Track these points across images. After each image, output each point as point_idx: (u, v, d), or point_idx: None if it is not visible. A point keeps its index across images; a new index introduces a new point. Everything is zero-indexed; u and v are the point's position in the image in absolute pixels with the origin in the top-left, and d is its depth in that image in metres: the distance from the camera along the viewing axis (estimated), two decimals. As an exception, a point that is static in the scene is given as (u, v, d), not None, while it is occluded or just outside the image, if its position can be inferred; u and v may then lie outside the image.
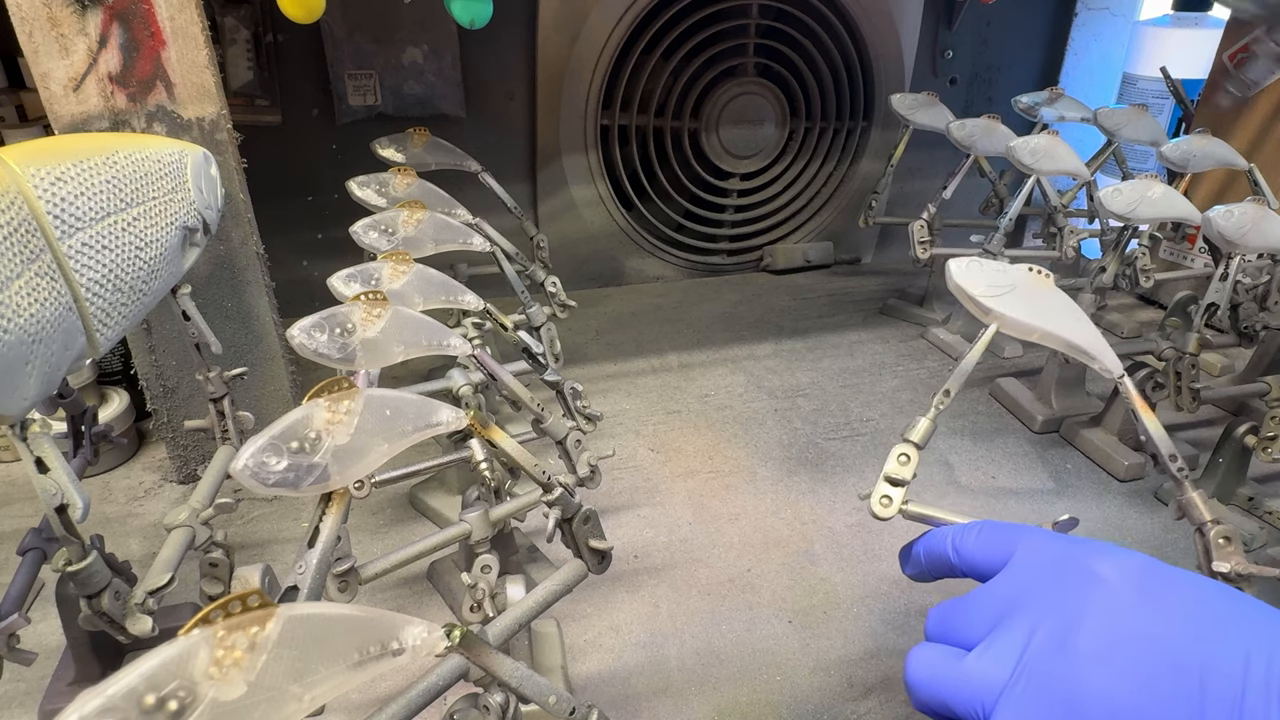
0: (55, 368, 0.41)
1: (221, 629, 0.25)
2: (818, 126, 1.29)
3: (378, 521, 0.75)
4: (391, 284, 0.55)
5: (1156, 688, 0.30)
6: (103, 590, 0.46)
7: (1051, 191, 1.05)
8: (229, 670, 0.24)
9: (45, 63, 0.61)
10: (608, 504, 0.76)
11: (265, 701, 0.25)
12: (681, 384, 0.98)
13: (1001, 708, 0.32)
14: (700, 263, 1.32)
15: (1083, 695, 0.31)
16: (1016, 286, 0.51)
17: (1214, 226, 0.71)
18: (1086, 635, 0.32)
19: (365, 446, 0.39)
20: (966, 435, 0.88)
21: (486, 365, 0.53)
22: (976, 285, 0.51)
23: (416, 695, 0.42)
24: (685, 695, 0.57)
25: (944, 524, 0.45)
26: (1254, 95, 1.05)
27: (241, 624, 0.25)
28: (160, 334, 0.72)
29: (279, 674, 0.25)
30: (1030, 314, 0.50)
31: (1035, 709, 0.32)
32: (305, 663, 0.26)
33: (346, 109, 1.07)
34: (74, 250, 0.42)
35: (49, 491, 0.42)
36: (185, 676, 0.24)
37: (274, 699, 0.25)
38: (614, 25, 1.10)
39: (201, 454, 0.79)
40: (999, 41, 1.39)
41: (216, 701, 0.24)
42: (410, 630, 0.28)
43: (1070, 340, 0.50)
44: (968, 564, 0.41)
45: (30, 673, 0.57)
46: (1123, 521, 0.75)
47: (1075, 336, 0.50)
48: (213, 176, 0.60)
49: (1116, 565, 0.34)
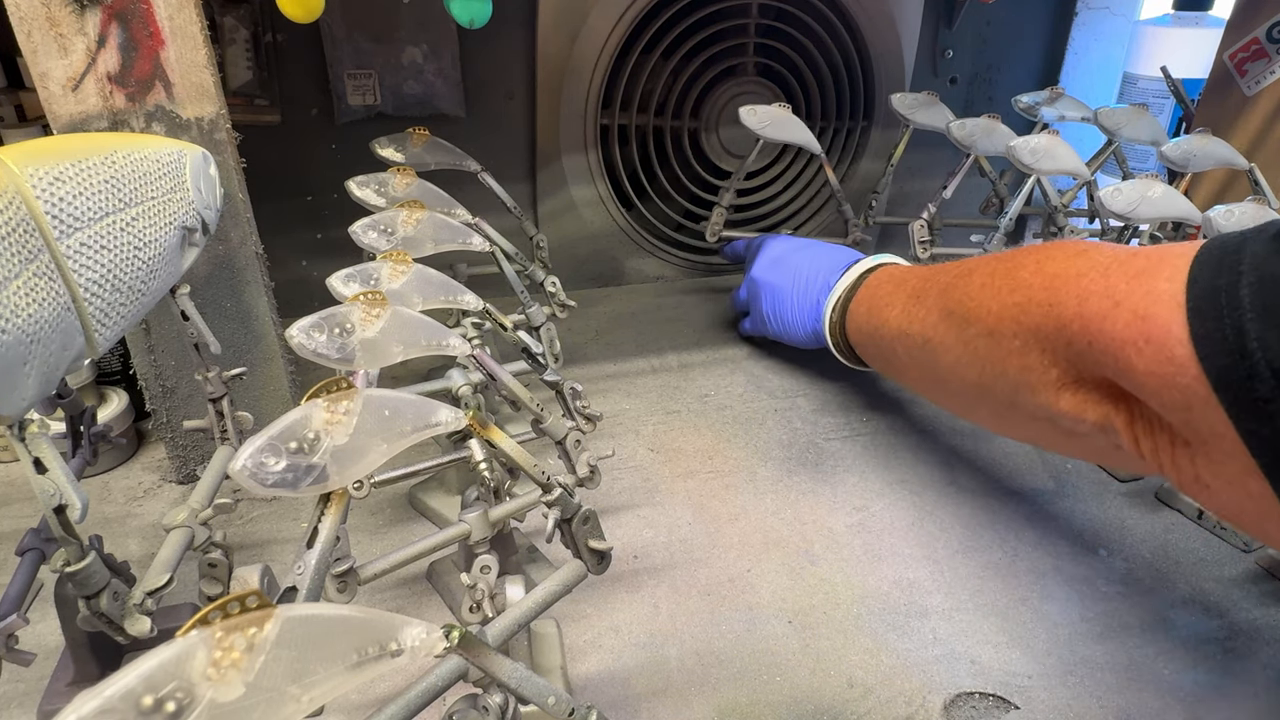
0: (54, 368, 0.41)
1: (219, 630, 0.25)
2: (817, 126, 1.29)
3: (377, 522, 0.75)
4: (391, 284, 0.55)
5: (779, 274, 0.91)
6: (101, 591, 0.46)
7: (1052, 191, 1.05)
8: (227, 671, 0.24)
9: (44, 62, 0.61)
10: (607, 504, 0.76)
11: (264, 702, 0.25)
12: (681, 384, 0.98)
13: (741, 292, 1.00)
14: (700, 263, 1.32)
15: (756, 280, 0.94)
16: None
17: (1214, 226, 0.71)
18: (763, 258, 0.94)
19: (364, 447, 0.39)
20: (967, 435, 0.88)
21: (486, 365, 0.53)
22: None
23: (415, 696, 0.42)
24: (685, 695, 0.57)
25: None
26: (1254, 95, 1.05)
27: (240, 625, 0.25)
28: (159, 334, 0.72)
29: (277, 675, 0.25)
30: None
31: (744, 290, 0.98)
32: (304, 664, 0.26)
33: (346, 109, 1.07)
34: (72, 250, 0.42)
35: (47, 492, 0.42)
36: (183, 677, 0.24)
37: (272, 700, 0.25)
38: (614, 25, 1.10)
39: (201, 454, 0.79)
40: (999, 41, 1.38)
41: (214, 703, 0.24)
42: (409, 631, 0.29)
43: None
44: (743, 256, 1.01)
45: (29, 673, 0.57)
46: (1123, 521, 0.75)
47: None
48: (212, 176, 0.60)
49: (785, 240, 0.96)
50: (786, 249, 0.92)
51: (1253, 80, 1.06)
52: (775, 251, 0.93)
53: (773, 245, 0.95)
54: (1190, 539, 0.72)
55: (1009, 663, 0.60)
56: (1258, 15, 1.05)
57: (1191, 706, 0.57)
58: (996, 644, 0.61)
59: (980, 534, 0.73)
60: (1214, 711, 0.56)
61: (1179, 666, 0.60)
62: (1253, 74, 1.06)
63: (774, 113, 1.01)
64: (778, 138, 1.02)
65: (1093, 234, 1.06)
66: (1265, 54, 1.04)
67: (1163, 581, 0.68)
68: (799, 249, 0.91)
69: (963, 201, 1.20)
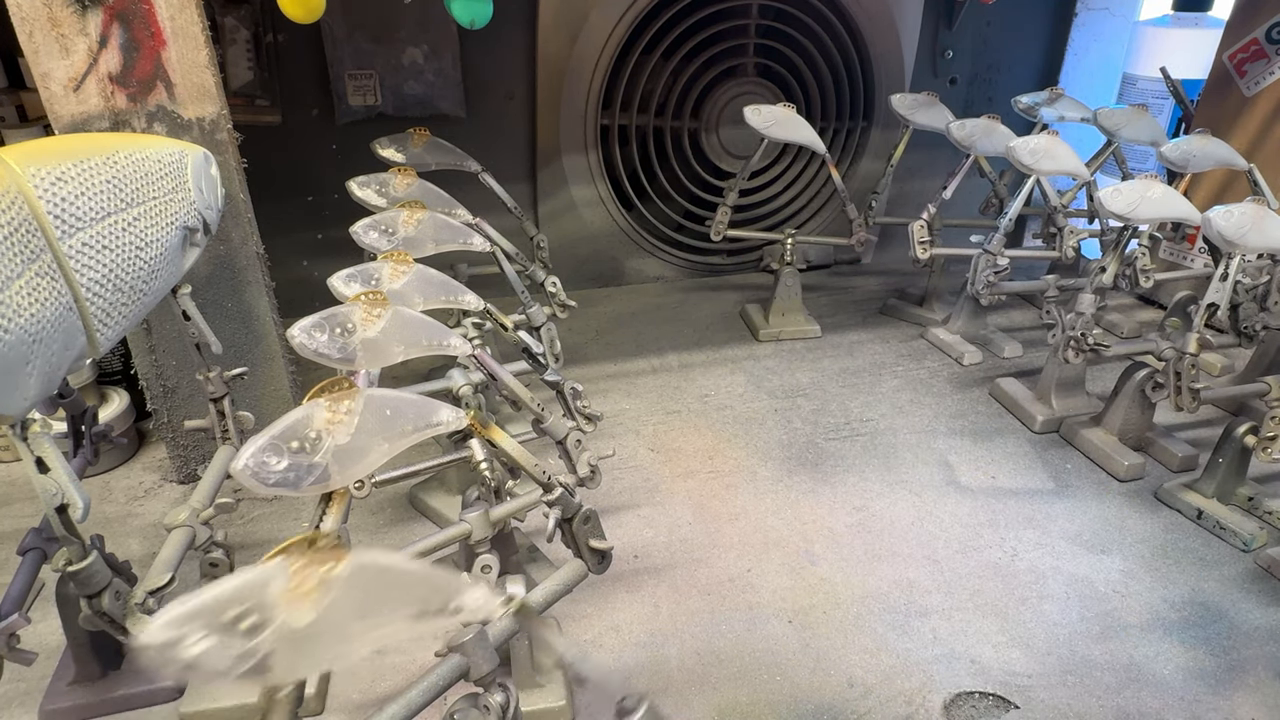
0: (55, 368, 0.41)
1: (298, 562, 0.28)
2: (818, 126, 1.29)
3: (378, 521, 0.75)
4: (391, 284, 0.55)
5: None
6: (103, 590, 0.47)
7: (1051, 191, 1.05)
8: (301, 600, 0.27)
9: (45, 63, 0.61)
10: (608, 504, 0.76)
11: (329, 633, 0.28)
12: (681, 384, 0.98)
13: None
14: (700, 263, 1.32)
15: None
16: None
17: (1214, 226, 0.71)
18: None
19: (365, 446, 0.39)
20: (966, 435, 0.88)
21: (486, 365, 0.53)
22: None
23: (416, 695, 0.42)
24: (685, 695, 0.57)
25: None
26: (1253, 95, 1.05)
27: (317, 560, 0.28)
28: (160, 334, 0.72)
29: (344, 611, 0.28)
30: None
31: None
32: (369, 606, 0.29)
33: (346, 109, 1.07)
34: (74, 250, 0.42)
35: (49, 491, 0.42)
36: (261, 599, 0.27)
37: (337, 632, 0.28)
38: (614, 25, 1.10)
39: (202, 454, 0.79)
40: (999, 41, 1.38)
41: (286, 626, 0.27)
42: (472, 594, 0.31)
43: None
44: None
45: (30, 672, 0.57)
46: (1123, 521, 0.75)
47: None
48: (213, 176, 0.60)
49: None
50: None
51: (1252, 81, 1.06)
52: None
53: None
54: (1190, 539, 0.73)
55: (1009, 663, 0.60)
56: (1257, 16, 1.05)
57: (1191, 706, 0.57)
58: (996, 644, 0.62)
59: (980, 534, 0.73)
60: (1214, 711, 0.56)
61: (1179, 666, 0.60)
62: (1252, 74, 1.06)
63: (778, 112, 1.01)
64: (782, 137, 1.02)
65: (1093, 234, 1.06)
66: (1265, 54, 1.04)
67: (1163, 581, 0.68)
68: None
69: (963, 201, 1.20)
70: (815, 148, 1.04)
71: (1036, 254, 1.09)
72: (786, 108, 1.02)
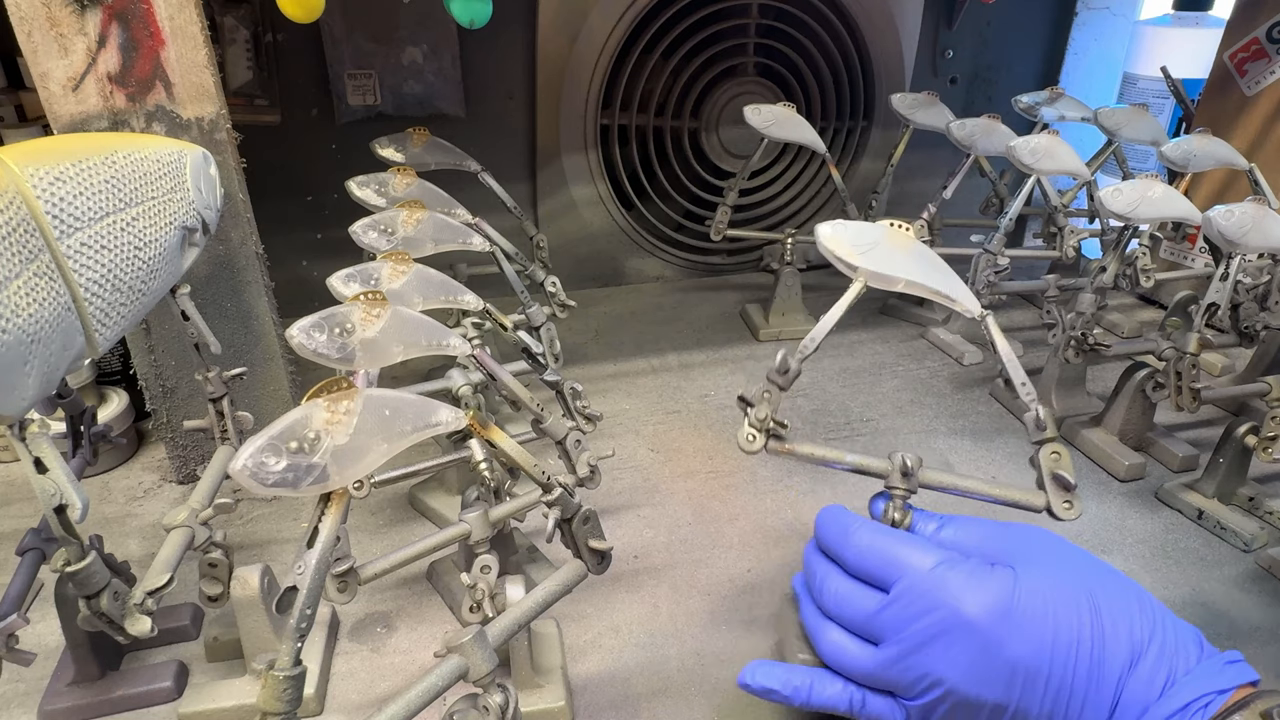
0: (54, 368, 0.41)
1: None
2: (818, 126, 1.29)
3: (377, 522, 0.75)
4: (391, 284, 0.55)
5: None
6: (102, 590, 0.46)
7: (1052, 191, 1.05)
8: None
9: (44, 62, 0.61)
10: (607, 504, 0.76)
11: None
12: (681, 384, 0.98)
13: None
14: (700, 263, 1.32)
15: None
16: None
17: (1214, 226, 0.71)
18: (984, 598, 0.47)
19: (364, 446, 0.39)
20: (966, 435, 0.88)
21: (486, 365, 0.53)
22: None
23: (416, 695, 0.42)
24: (685, 695, 0.57)
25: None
26: (1254, 95, 1.05)
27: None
28: (159, 334, 0.72)
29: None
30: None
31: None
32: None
33: (346, 109, 1.07)
34: (73, 250, 0.42)
35: (48, 492, 0.42)
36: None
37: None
38: (614, 25, 1.10)
39: (201, 454, 0.79)
40: (999, 41, 1.38)
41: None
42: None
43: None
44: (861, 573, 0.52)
45: (30, 673, 0.57)
46: (1123, 522, 0.75)
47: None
48: (212, 176, 0.60)
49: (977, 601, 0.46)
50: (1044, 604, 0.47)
51: (1253, 80, 1.06)
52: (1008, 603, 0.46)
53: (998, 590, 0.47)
54: (1190, 539, 0.72)
55: (1009, 663, 0.60)
56: (1258, 15, 1.05)
57: (1191, 706, 0.57)
58: (996, 644, 0.61)
59: (980, 534, 0.73)
60: (1214, 711, 0.56)
61: (1179, 666, 0.59)
62: (1253, 74, 1.06)
63: (779, 112, 1.01)
64: (783, 137, 1.02)
65: (1093, 234, 1.06)
66: (1265, 54, 1.04)
67: (1163, 581, 0.68)
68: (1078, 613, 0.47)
69: (963, 201, 1.20)
70: (815, 147, 1.03)
71: (1037, 254, 1.09)
72: (786, 107, 1.02)
